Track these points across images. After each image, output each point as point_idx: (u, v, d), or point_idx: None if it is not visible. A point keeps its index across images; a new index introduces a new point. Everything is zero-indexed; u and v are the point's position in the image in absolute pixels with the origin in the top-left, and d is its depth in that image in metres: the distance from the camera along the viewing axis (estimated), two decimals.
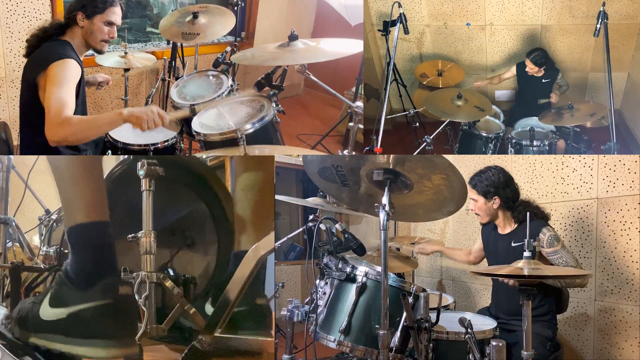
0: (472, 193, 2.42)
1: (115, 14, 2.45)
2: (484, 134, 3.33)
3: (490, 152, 3.35)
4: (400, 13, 2.84)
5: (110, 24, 2.43)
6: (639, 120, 3.53)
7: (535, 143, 3.18)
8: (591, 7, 3.37)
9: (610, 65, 2.56)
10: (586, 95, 3.79)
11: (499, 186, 2.39)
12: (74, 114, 2.34)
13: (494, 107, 3.47)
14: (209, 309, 1.99)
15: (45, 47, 2.34)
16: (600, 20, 2.54)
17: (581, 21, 3.49)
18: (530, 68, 3.49)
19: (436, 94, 3.48)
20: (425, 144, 3.08)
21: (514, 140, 3.26)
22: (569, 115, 3.13)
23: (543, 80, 3.54)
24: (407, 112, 3.51)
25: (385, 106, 2.74)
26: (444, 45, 3.88)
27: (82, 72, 2.37)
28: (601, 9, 2.54)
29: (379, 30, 3.25)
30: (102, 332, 1.59)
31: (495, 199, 2.39)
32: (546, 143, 3.19)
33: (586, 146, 3.21)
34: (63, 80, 2.21)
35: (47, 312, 1.65)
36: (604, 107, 3.10)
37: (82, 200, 1.70)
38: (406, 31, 2.88)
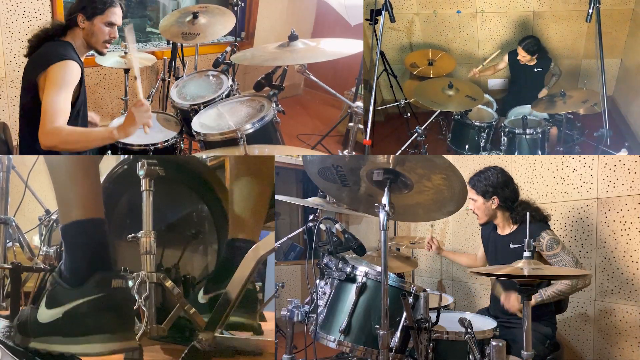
0: (471, 193, 2.43)
1: (116, 15, 2.45)
2: (477, 123, 3.31)
3: (484, 141, 3.32)
4: (386, 0, 2.78)
5: (110, 24, 2.44)
6: (631, 106, 3.52)
7: (528, 131, 3.17)
8: None
9: (603, 51, 2.54)
10: (579, 82, 3.74)
11: (498, 186, 2.39)
12: (74, 115, 2.35)
13: (486, 96, 3.42)
14: (201, 297, 1.99)
15: (46, 48, 2.35)
16: (592, 4, 2.53)
17: (574, 7, 3.44)
18: (522, 56, 3.44)
19: (426, 84, 3.40)
20: (416, 134, 3.04)
21: (507, 129, 3.24)
22: (562, 103, 3.12)
23: (535, 70, 3.50)
24: (398, 103, 3.47)
25: (373, 97, 2.69)
26: (434, 33, 3.80)
27: (83, 72, 2.38)
28: None
29: (366, 19, 3.19)
30: (99, 327, 1.59)
31: (493, 199, 2.40)
32: (539, 131, 3.17)
33: (579, 133, 3.20)
34: (62, 83, 2.22)
35: (44, 314, 1.65)
36: (597, 93, 3.08)
37: (78, 197, 1.71)
38: (392, 19, 2.79)
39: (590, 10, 2.52)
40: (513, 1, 3.54)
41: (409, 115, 3.42)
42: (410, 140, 3.11)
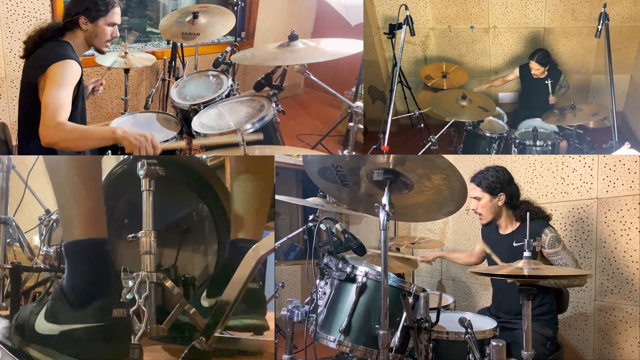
0: (475, 191, 2.41)
1: (117, 14, 2.48)
2: (488, 134, 3.37)
3: (494, 152, 3.37)
4: (407, 15, 2.86)
5: (112, 24, 2.47)
6: None
7: (538, 143, 3.21)
8: (593, 10, 3.39)
9: (612, 65, 2.57)
10: (589, 97, 3.81)
11: (505, 183, 2.39)
12: (74, 114, 2.35)
13: (497, 108, 3.49)
14: (204, 301, 1.98)
15: (45, 48, 2.35)
16: (601, 21, 2.55)
17: (584, 24, 3.51)
18: (536, 69, 3.51)
19: (441, 94, 3.53)
20: (430, 143, 3.10)
21: (517, 141, 3.28)
22: (572, 115, 3.15)
23: (546, 82, 3.55)
24: (412, 114, 3.55)
25: (392, 107, 2.77)
26: (448, 47, 3.92)
27: (82, 72, 2.38)
28: (602, 11, 2.56)
29: (384, 33, 3.29)
30: (94, 353, 1.57)
31: (501, 196, 2.39)
32: (549, 143, 3.21)
33: (589, 147, 3.23)
34: (62, 81, 2.22)
35: (42, 325, 1.63)
36: (606, 107, 3.12)
37: (80, 215, 1.67)
38: (412, 33, 2.92)
39: (600, 27, 2.56)
40: (524, 17, 3.63)
41: (422, 125, 3.50)
42: (423, 150, 3.16)
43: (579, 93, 3.78)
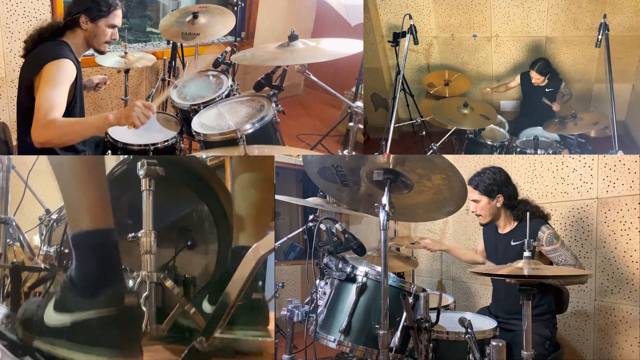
0: (473, 194, 2.42)
1: (118, 17, 2.49)
2: (490, 143, 3.37)
3: None
4: (411, 24, 2.89)
5: (113, 26, 2.47)
6: None
7: (539, 152, 3.21)
8: (595, 19, 3.40)
9: (613, 75, 2.58)
10: (591, 106, 3.82)
11: (502, 184, 2.40)
12: (71, 114, 2.34)
13: (499, 116, 3.50)
14: (206, 306, 1.98)
15: (41, 48, 2.35)
16: (601, 31, 2.57)
17: (585, 33, 3.52)
18: (536, 78, 3.53)
19: (443, 102, 3.54)
20: (432, 151, 3.12)
21: (518, 149, 3.29)
22: (573, 124, 3.16)
23: (546, 90, 3.58)
24: (414, 121, 3.56)
25: (394, 114, 2.79)
26: (451, 56, 3.95)
27: (79, 72, 2.38)
28: (602, 21, 2.57)
29: (388, 41, 3.31)
30: (106, 341, 1.57)
31: (499, 197, 2.39)
32: (550, 152, 3.21)
33: None
34: (56, 80, 2.21)
35: (51, 317, 1.63)
36: (608, 116, 3.12)
37: (86, 206, 1.67)
38: (416, 42, 2.95)
39: (600, 37, 2.57)
40: (526, 26, 3.64)
41: (424, 133, 3.51)
42: None
43: (580, 102, 3.79)
